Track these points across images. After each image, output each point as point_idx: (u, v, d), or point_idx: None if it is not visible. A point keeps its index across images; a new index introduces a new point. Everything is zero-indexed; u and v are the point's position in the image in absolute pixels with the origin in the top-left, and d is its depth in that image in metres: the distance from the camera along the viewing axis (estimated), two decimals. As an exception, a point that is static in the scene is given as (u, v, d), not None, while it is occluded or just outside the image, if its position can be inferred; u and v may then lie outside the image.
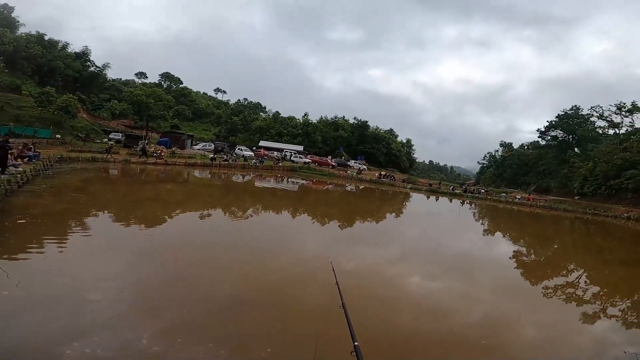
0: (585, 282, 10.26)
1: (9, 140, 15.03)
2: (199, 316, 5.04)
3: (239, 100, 79.52)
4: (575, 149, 56.82)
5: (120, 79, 74.93)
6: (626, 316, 7.54)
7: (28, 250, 6.78)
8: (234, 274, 7.02)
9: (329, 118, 65.02)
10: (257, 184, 27.61)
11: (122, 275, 6.11)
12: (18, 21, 49.08)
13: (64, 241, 7.65)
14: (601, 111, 50.98)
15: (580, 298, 8.42)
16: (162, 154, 29.94)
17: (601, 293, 9.14)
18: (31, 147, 18.05)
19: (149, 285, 5.92)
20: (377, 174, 44.82)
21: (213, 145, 42.60)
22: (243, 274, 7.00)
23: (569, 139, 58.48)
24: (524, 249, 14.73)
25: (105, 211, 11.26)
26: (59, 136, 30.02)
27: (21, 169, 13.24)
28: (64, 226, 8.82)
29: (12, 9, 49.35)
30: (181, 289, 5.93)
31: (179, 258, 7.61)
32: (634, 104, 47.36)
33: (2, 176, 11.10)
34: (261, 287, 6.43)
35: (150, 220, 10.88)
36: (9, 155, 13.16)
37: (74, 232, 8.45)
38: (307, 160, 45.34)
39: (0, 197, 9.83)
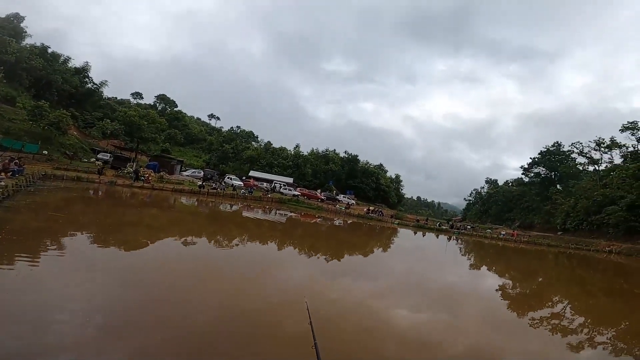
0: (570, 312, 10.30)
1: None
2: (173, 344, 4.80)
3: (231, 127, 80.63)
4: (557, 186, 58.62)
5: (116, 97, 75.40)
6: (613, 344, 7.58)
7: (-2, 266, 6.47)
8: (210, 302, 6.74)
9: (320, 150, 66.12)
10: (245, 214, 27.26)
11: (93, 297, 5.83)
12: (25, 32, 49.66)
13: (36, 259, 7.33)
14: (581, 147, 52.85)
15: (565, 328, 8.41)
16: (150, 177, 29.58)
17: (585, 323, 9.19)
18: (17, 162, 17.69)
19: (120, 308, 5.65)
20: (365, 209, 44.95)
21: (202, 173, 42.34)
22: (219, 304, 6.74)
23: (551, 175, 60.47)
24: (510, 282, 14.73)
25: (84, 232, 10.89)
26: (46, 152, 29.51)
27: (3, 184, 12.88)
28: (39, 244, 8.49)
29: (22, 18, 49.95)
30: (154, 316, 5.66)
31: (154, 284, 7.32)
32: (612, 140, 49.15)
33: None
34: (236, 318, 6.18)
35: (130, 244, 10.53)
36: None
37: (48, 251, 8.11)
38: (296, 192, 45.30)
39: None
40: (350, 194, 55.89)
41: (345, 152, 66.66)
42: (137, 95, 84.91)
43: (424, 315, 8.16)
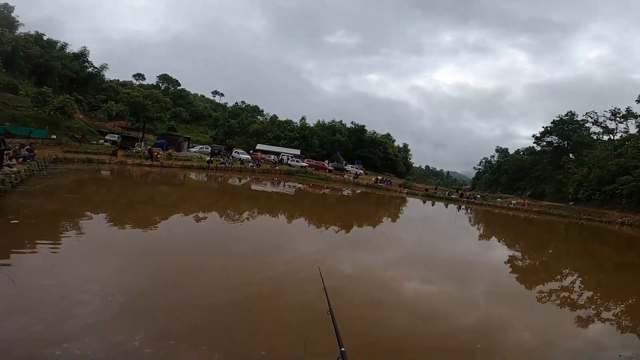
0: (580, 286, 10.29)
1: (4, 140, 14.93)
2: (192, 319, 5.00)
3: (236, 103, 79.74)
4: (570, 155, 57.36)
5: (118, 80, 74.58)
6: (620, 320, 7.57)
7: (20, 251, 6.71)
8: (225, 278, 6.97)
9: (326, 122, 65.20)
10: (254, 187, 27.53)
11: (113, 278, 6.05)
12: (17, 21, 48.81)
13: (56, 242, 7.57)
14: (596, 117, 51.64)
15: (575, 302, 8.45)
16: (159, 156, 29.82)
17: (595, 297, 9.19)
18: (29, 147, 17.93)
19: (140, 287, 5.86)
20: (373, 179, 44.88)
21: (210, 148, 42.48)
22: (235, 278, 6.95)
23: (564, 144, 59.06)
24: (519, 254, 14.79)
25: (99, 213, 11.16)
26: (55, 137, 29.82)
27: (15, 169, 13.10)
28: (56, 227, 8.74)
29: (12, 8, 49.11)
30: (173, 291, 5.88)
31: (172, 261, 7.55)
32: (628, 110, 47.91)
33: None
34: (252, 291, 6.38)
35: (144, 223, 10.80)
36: (4, 156, 13.02)
37: (66, 233, 8.36)
38: (304, 164, 45.30)
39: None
40: (358, 164, 55.70)
41: (352, 122, 65.74)
42: (139, 76, 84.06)
43: (432, 287, 8.28)
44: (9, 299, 4.76)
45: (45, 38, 48.44)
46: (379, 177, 46.76)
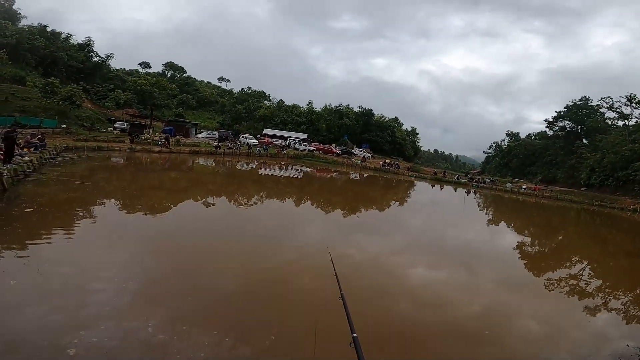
0: (589, 274, 10.19)
1: (16, 130, 15.20)
2: (203, 305, 5.13)
3: (242, 89, 78.81)
4: (584, 140, 56.03)
5: (124, 69, 74.44)
6: (629, 309, 7.51)
7: (35, 238, 6.89)
8: (236, 263, 7.10)
9: (333, 106, 64.49)
10: (261, 171, 27.67)
11: (127, 264, 6.20)
12: (20, 14, 48.70)
13: (70, 230, 7.76)
14: (611, 102, 50.20)
15: (584, 290, 8.39)
16: (167, 142, 30.08)
17: (604, 285, 9.09)
18: (40, 137, 18.20)
19: (153, 274, 6.01)
20: (381, 162, 44.61)
21: (217, 134, 42.60)
22: (245, 263, 7.07)
23: (577, 129, 57.67)
24: (529, 240, 14.67)
25: (111, 199, 11.38)
26: (64, 126, 30.20)
27: (27, 158, 13.34)
28: (70, 215, 8.94)
29: (13, 1, 48.96)
30: (185, 277, 6.02)
31: (183, 246, 7.71)
32: None
33: (9, 165, 11.21)
34: (263, 277, 6.50)
35: (155, 209, 10.99)
36: (16, 146, 13.23)
37: (79, 221, 8.55)
38: (311, 148, 45.23)
39: (8, 186, 9.94)
40: (365, 148, 55.31)
41: (359, 106, 64.88)
42: (145, 64, 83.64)
43: (440, 274, 8.30)
44: (28, 287, 4.93)
45: (49, 30, 48.36)
46: (387, 161, 46.45)
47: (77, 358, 3.54)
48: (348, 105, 65.23)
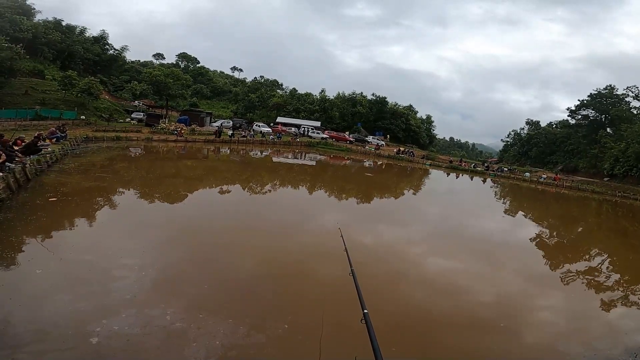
0: (608, 267, 9.91)
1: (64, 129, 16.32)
2: (219, 293, 5.27)
3: (255, 78, 78.84)
4: (607, 129, 53.62)
5: (139, 60, 75.40)
6: None
7: (59, 228, 7.17)
8: (251, 249, 7.23)
9: (346, 94, 63.68)
10: (275, 159, 27.82)
11: (146, 252, 6.39)
12: (34, 8, 49.34)
13: (92, 218, 8.04)
14: (637, 91, 48.09)
15: (603, 284, 8.17)
16: (182, 131, 30.50)
17: (623, 280, 8.83)
18: (61, 128, 18.95)
19: (171, 261, 6.18)
20: (395, 150, 44.04)
21: (231, 122, 42.89)
22: (260, 249, 7.20)
23: (600, 118, 55.14)
24: (547, 231, 14.30)
25: (131, 188, 11.70)
26: (84, 117, 31.04)
27: (50, 149, 13.79)
28: (92, 203, 9.25)
29: None
30: (201, 265, 6.19)
31: (200, 233, 7.91)
32: None
33: (32, 156, 11.60)
34: (277, 262, 6.66)
35: (173, 197, 11.27)
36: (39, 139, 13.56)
37: (101, 209, 8.85)
38: (324, 135, 45.01)
39: (31, 176, 10.33)
40: (379, 135, 54.60)
41: (373, 94, 63.76)
42: (159, 56, 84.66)
43: (455, 262, 8.21)
44: (53, 276, 5.17)
45: (64, 23, 49.03)
46: (401, 149, 45.77)
47: (100, 347, 3.70)
48: (361, 93, 64.22)
